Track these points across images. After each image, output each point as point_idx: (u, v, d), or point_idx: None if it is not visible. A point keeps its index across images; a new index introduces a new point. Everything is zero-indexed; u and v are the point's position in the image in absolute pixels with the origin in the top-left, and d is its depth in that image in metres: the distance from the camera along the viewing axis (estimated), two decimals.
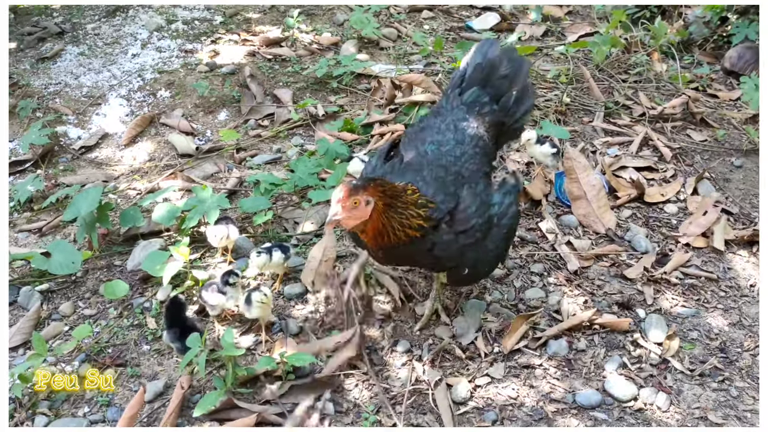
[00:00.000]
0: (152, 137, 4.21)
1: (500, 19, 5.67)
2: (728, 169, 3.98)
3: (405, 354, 2.81)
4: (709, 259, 3.31)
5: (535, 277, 3.18)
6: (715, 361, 2.76)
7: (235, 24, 5.41)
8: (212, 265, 3.22)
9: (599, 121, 4.31)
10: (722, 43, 5.40)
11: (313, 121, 4.30)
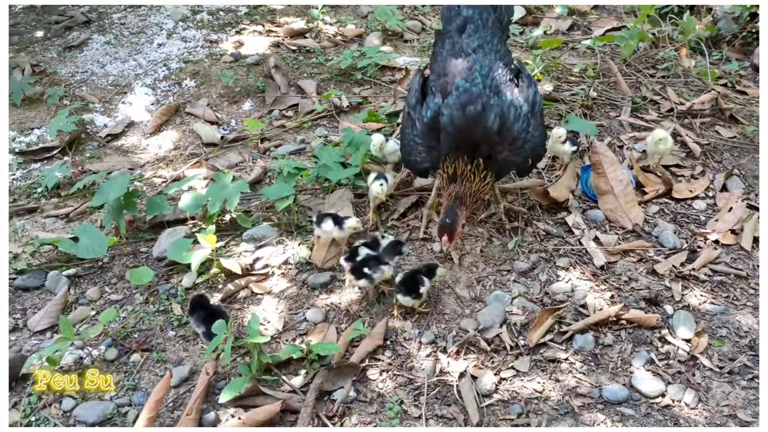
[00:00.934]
0: (177, 126, 4.24)
1: (525, 12, 5.63)
2: (757, 166, 3.91)
3: (430, 345, 2.80)
4: (738, 257, 3.26)
5: (560, 272, 3.15)
6: (745, 359, 2.72)
7: (259, 15, 5.43)
8: (237, 254, 3.23)
9: (626, 115, 4.26)
10: (751, 40, 5.32)
11: (337, 112, 4.30)
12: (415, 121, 3.15)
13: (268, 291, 3.06)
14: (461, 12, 3.25)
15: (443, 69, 3.13)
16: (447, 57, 3.16)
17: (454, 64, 3.09)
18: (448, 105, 2.96)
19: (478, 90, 2.94)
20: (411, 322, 2.90)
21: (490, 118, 2.92)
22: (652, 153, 3.74)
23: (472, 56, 3.08)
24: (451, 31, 3.25)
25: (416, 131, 3.14)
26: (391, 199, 3.48)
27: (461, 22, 3.24)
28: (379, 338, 2.79)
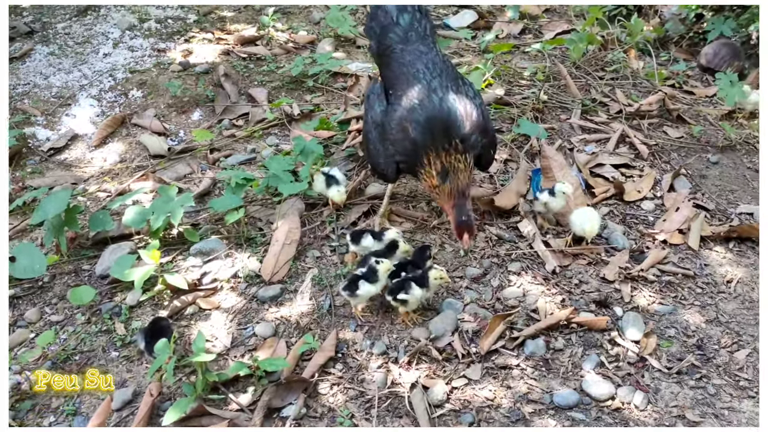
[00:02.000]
0: (123, 138, 4.13)
1: (477, 17, 5.66)
2: (704, 165, 3.99)
3: (381, 356, 2.76)
4: (686, 256, 3.30)
5: (512, 277, 3.14)
6: (693, 359, 2.74)
7: (209, 22, 5.34)
8: (184, 269, 3.15)
9: (576, 118, 4.30)
10: (698, 40, 5.44)
11: (289, 120, 4.24)
12: (384, 124, 3.16)
13: (216, 306, 2.99)
14: (399, 21, 3.33)
15: (400, 72, 3.19)
16: (401, 61, 3.22)
17: (409, 62, 3.17)
18: (416, 100, 3.05)
19: (439, 83, 3.09)
20: (362, 333, 2.86)
21: (458, 106, 3.04)
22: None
23: (426, 55, 3.20)
24: (396, 38, 3.30)
25: (387, 133, 3.14)
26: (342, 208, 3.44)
27: (402, 32, 3.31)
28: (330, 351, 2.74)
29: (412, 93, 3.09)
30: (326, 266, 3.18)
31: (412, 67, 3.17)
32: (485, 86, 4.43)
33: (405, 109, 3.07)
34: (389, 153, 3.14)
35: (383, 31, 3.36)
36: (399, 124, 3.08)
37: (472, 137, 3.07)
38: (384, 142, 3.17)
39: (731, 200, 3.70)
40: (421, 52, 3.23)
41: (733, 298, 3.07)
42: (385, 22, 3.37)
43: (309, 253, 3.25)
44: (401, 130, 3.08)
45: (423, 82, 3.10)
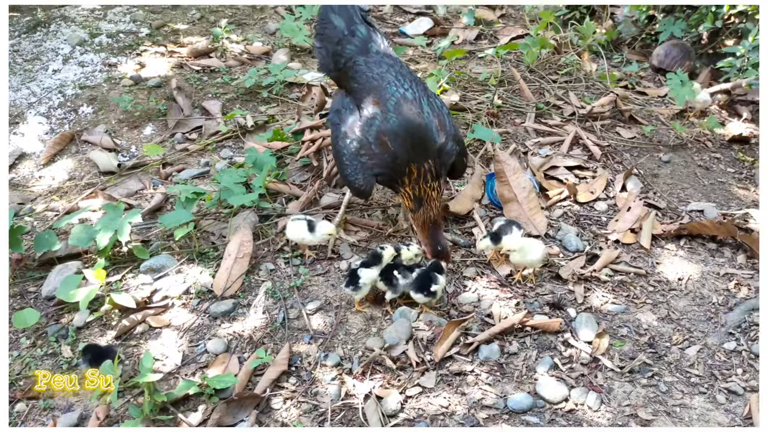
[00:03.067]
0: (73, 155, 4.04)
1: (433, 24, 5.67)
2: (656, 164, 4.04)
3: (335, 368, 2.73)
4: (638, 255, 3.33)
5: (467, 282, 3.14)
6: (644, 357, 2.76)
7: (162, 36, 5.27)
8: (134, 287, 3.08)
9: (530, 122, 4.33)
10: (650, 42, 5.52)
11: (243, 132, 4.20)
12: (360, 138, 3.07)
13: (166, 324, 2.93)
14: (361, 35, 3.34)
15: (370, 84, 3.15)
16: (368, 74, 3.19)
17: (378, 75, 3.15)
18: (392, 112, 3.03)
19: (412, 95, 3.09)
20: (316, 345, 2.83)
21: (433, 117, 3.08)
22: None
23: (393, 66, 3.21)
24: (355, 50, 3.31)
25: (364, 147, 3.05)
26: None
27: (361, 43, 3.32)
28: (282, 365, 2.71)
29: (386, 104, 3.05)
30: (280, 279, 3.15)
31: (383, 80, 3.13)
32: (440, 92, 4.44)
33: (381, 121, 3.03)
34: (367, 166, 3.05)
35: (339, 45, 3.33)
36: (377, 138, 3.02)
37: (448, 145, 3.10)
38: (360, 156, 3.06)
39: (682, 198, 3.75)
40: (388, 63, 3.22)
41: (684, 295, 3.11)
42: (337, 37, 3.35)
43: (263, 266, 3.21)
44: (380, 144, 3.02)
45: (397, 93, 3.07)
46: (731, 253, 3.36)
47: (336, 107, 3.32)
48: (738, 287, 3.14)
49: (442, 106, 3.22)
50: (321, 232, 3.16)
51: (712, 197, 3.78)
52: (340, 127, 3.20)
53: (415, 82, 3.20)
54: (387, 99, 3.06)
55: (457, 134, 3.20)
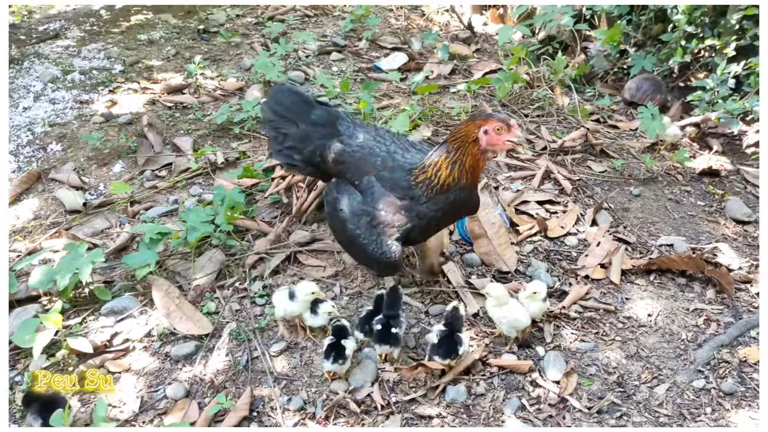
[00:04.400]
0: (39, 194, 3.99)
1: (408, 59, 5.72)
2: (627, 198, 4.05)
3: (298, 412, 2.66)
4: (608, 291, 3.31)
5: (435, 321, 3.09)
6: (613, 397, 2.72)
7: (135, 72, 5.27)
8: (94, 330, 3.01)
9: (502, 156, 4.34)
10: (622, 75, 5.59)
11: (213, 169, 4.17)
12: (370, 212, 2.90)
13: (126, 368, 2.85)
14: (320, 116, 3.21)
15: (350, 157, 3.04)
16: (345, 148, 3.08)
17: (358, 145, 3.05)
18: (380, 170, 2.94)
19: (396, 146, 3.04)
20: (279, 388, 2.76)
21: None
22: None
23: (363, 129, 3.13)
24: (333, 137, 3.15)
25: (372, 217, 2.89)
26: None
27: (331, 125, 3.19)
28: (244, 410, 2.63)
29: (375, 166, 2.94)
30: (245, 319, 3.09)
31: (364, 147, 3.02)
32: (412, 128, 4.44)
33: (377, 182, 2.92)
34: (388, 233, 2.87)
35: (304, 145, 3.16)
36: (386, 202, 2.88)
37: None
38: (376, 227, 2.88)
39: (652, 232, 3.75)
40: (363, 129, 3.14)
41: (653, 331, 3.08)
42: (300, 136, 3.17)
43: (228, 306, 3.16)
44: (390, 205, 2.88)
45: (382, 152, 2.98)
46: (701, 287, 3.35)
47: (332, 195, 3.08)
48: (707, 323, 3.12)
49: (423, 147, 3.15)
50: (321, 311, 2.92)
51: (682, 231, 3.78)
52: (342, 213, 2.99)
53: (396, 136, 3.12)
54: (374, 161, 2.96)
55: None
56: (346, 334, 2.78)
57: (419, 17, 6.91)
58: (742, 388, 2.79)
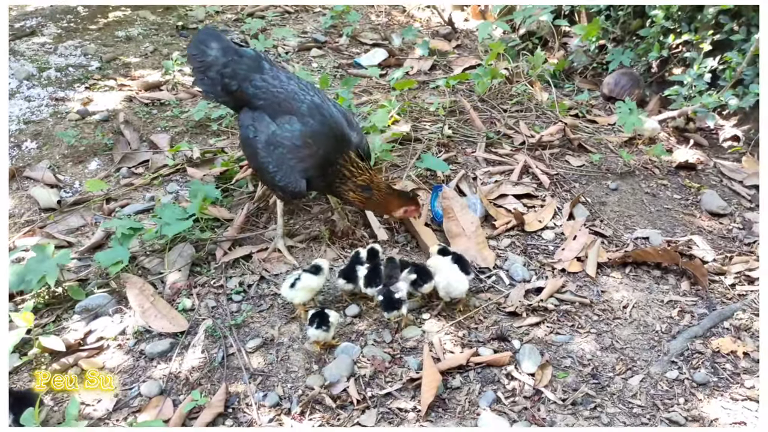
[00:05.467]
0: (13, 192, 3.94)
1: (388, 55, 5.71)
2: (604, 192, 4.07)
3: (274, 408, 2.65)
4: (584, 284, 3.32)
5: (411, 315, 3.09)
6: (587, 389, 2.73)
7: (112, 69, 5.22)
8: (68, 329, 2.98)
9: (481, 151, 4.35)
10: (601, 71, 5.62)
11: (190, 165, 4.14)
12: (284, 144, 3.20)
13: (100, 366, 2.83)
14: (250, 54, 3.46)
15: (273, 96, 3.30)
16: (272, 89, 3.33)
17: (282, 87, 3.32)
18: (306, 116, 3.23)
19: (320, 99, 3.31)
20: (255, 384, 2.75)
21: (341, 119, 3.32)
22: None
23: (292, 79, 3.39)
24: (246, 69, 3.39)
25: (291, 151, 3.20)
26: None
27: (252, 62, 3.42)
28: (218, 406, 2.62)
29: (300, 110, 3.23)
30: (221, 316, 3.07)
31: (288, 90, 3.30)
32: (391, 123, 4.44)
33: (301, 125, 3.20)
34: (297, 169, 3.20)
35: (227, 68, 3.38)
36: (302, 140, 3.19)
37: (361, 141, 3.39)
38: (288, 160, 3.20)
39: (629, 225, 3.78)
40: (286, 76, 3.39)
41: (628, 323, 3.10)
42: (222, 62, 3.39)
43: (204, 303, 3.14)
44: (305, 146, 3.19)
45: (307, 99, 3.26)
46: (675, 280, 3.37)
47: (247, 123, 3.34)
48: (681, 314, 3.14)
49: (345, 109, 3.47)
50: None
51: (657, 224, 3.81)
52: (258, 139, 3.27)
53: (316, 89, 3.38)
54: (299, 106, 3.24)
55: (360, 129, 3.48)
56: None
57: (400, 13, 6.91)
58: (714, 379, 2.82)
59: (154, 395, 2.70)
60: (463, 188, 3.95)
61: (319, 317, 2.83)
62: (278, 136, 3.22)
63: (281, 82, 3.32)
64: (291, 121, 3.22)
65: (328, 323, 2.83)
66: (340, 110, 3.36)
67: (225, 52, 3.41)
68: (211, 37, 3.47)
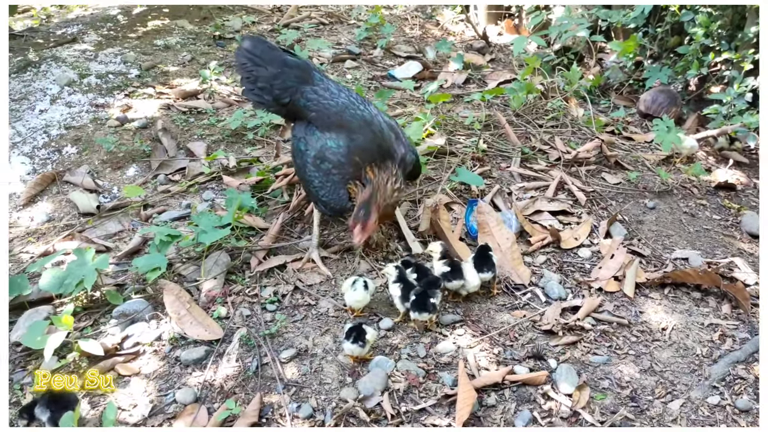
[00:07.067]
0: (53, 196, 4.01)
1: (422, 68, 5.72)
2: (641, 210, 4.01)
3: (307, 420, 2.64)
4: (621, 304, 3.27)
5: (446, 330, 3.07)
6: (626, 412, 2.68)
7: (151, 77, 5.30)
8: (105, 333, 3.01)
9: (516, 166, 4.32)
10: (638, 87, 5.56)
11: (226, 173, 4.17)
12: (327, 160, 3.22)
13: (136, 372, 2.85)
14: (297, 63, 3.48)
15: (325, 108, 3.32)
16: (319, 98, 3.36)
17: (333, 100, 3.34)
18: (355, 132, 3.23)
19: (369, 114, 3.30)
20: (289, 395, 2.74)
21: (390, 134, 3.30)
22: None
23: (343, 90, 3.41)
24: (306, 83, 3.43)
25: (334, 165, 3.22)
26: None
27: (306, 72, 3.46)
28: (253, 416, 2.62)
29: (350, 126, 3.23)
30: (255, 325, 3.08)
31: (338, 104, 3.30)
32: (425, 136, 4.44)
33: (349, 141, 3.20)
34: (342, 186, 3.23)
35: (278, 80, 3.39)
36: (349, 157, 3.19)
37: (408, 156, 3.34)
38: (333, 175, 3.22)
39: (667, 245, 3.71)
40: (337, 88, 3.40)
41: (667, 346, 3.04)
42: (272, 73, 3.40)
43: (238, 311, 3.15)
44: (352, 163, 3.19)
45: (357, 115, 3.26)
46: (716, 302, 3.30)
47: (300, 135, 3.38)
48: (722, 338, 3.07)
49: (394, 122, 3.43)
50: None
51: (697, 245, 3.74)
52: (308, 153, 3.29)
53: (365, 101, 3.39)
54: (350, 120, 3.24)
55: (411, 145, 3.46)
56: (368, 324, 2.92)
57: (434, 26, 6.92)
58: (757, 406, 2.74)
59: (189, 402, 2.71)
60: (497, 203, 3.92)
61: (355, 332, 2.82)
62: (326, 150, 3.24)
63: (332, 94, 3.34)
64: (339, 137, 3.22)
65: (364, 339, 2.81)
66: (389, 123, 3.35)
67: (273, 62, 3.41)
68: (258, 46, 3.47)
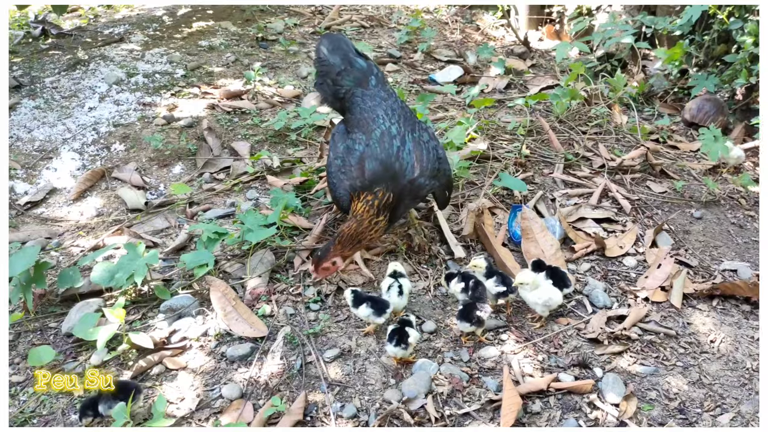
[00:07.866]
0: (102, 192, 4.10)
1: (463, 72, 5.71)
2: (688, 220, 3.94)
3: (351, 420, 2.66)
4: (668, 314, 3.22)
5: (490, 335, 3.06)
6: (674, 424, 2.63)
7: (196, 77, 5.39)
8: (153, 326, 3.07)
9: (559, 172, 4.28)
10: (682, 95, 5.48)
11: (270, 173, 4.22)
12: (344, 159, 3.32)
13: (183, 366, 2.90)
14: (360, 67, 3.58)
15: (360, 113, 3.41)
16: (362, 106, 3.43)
17: (370, 108, 3.39)
18: (373, 140, 3.25)
19: (397, 129, 3.28)
20: (333, 395, 2.76)
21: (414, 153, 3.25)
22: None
23: (386, 101, 3.43)
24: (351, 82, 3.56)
25: (346, 167, 3.29)
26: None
27: (365, 76, 3.54)
28: (298, 414, 2.64)
29: (372, 134, 3.28)
30: (299, 324, 3.10)
31: (373, 112, 3.37)
32: (468, 140, 4.43)
33: (364, 147, 3.26)
34: (345, 186, 3.29)
35: (339, 76, 3.56)
36: (358, 161, 3.25)
37: (420, 179, 3.24)
38: (341, 173, 3.31)
39: (715, 256, 3.64)
40: (381, 97, 3.44)
41: (716, 358, 2.98)
42: (336, 70, 3.56)
43: (282, 310, 3.18)
44: (359, 167, 3.24)
45: (383, 126, 3.30)
46: None
47: (334, 132, 3.57)
48: None
49: (429, 141, 3.36)
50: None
51: (746, 257, 3.66)
52: (331, 150, 3.46)
53: (405, 118, 3.38)
54: (373, 129, 3.29)
55: (440, 168, 3.34)
56: (411, 325, 2.87)
57: (474, 31, 6.91)
58: None
59: (234, 398, 2.74)
60: (540, 209, 3.90)
61: (398, 334, 2.83)
62: (348, 150, 3.33)
63: (373, 102, 3.42)
64: (358, 141, 3.30)
65: (407, 341, 2.82)
66: (419, 146, 3.27)
67: (342, 60, 3.55)
68: (337, 43, 3.63)
